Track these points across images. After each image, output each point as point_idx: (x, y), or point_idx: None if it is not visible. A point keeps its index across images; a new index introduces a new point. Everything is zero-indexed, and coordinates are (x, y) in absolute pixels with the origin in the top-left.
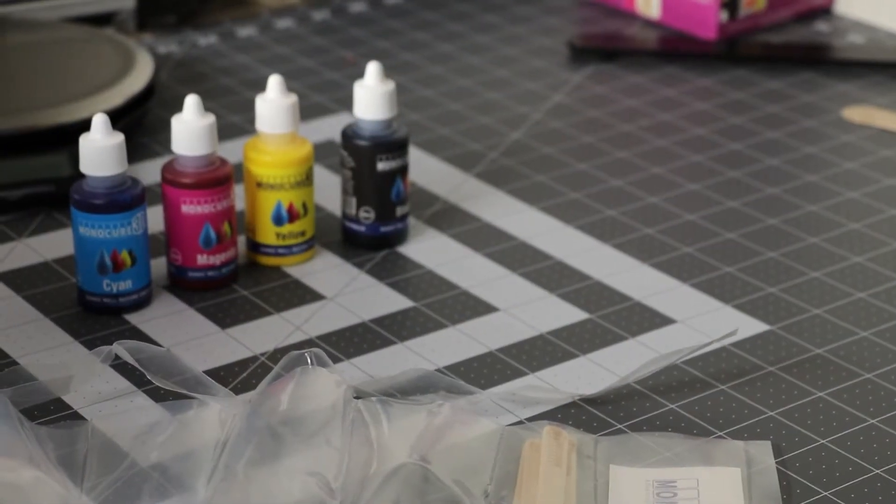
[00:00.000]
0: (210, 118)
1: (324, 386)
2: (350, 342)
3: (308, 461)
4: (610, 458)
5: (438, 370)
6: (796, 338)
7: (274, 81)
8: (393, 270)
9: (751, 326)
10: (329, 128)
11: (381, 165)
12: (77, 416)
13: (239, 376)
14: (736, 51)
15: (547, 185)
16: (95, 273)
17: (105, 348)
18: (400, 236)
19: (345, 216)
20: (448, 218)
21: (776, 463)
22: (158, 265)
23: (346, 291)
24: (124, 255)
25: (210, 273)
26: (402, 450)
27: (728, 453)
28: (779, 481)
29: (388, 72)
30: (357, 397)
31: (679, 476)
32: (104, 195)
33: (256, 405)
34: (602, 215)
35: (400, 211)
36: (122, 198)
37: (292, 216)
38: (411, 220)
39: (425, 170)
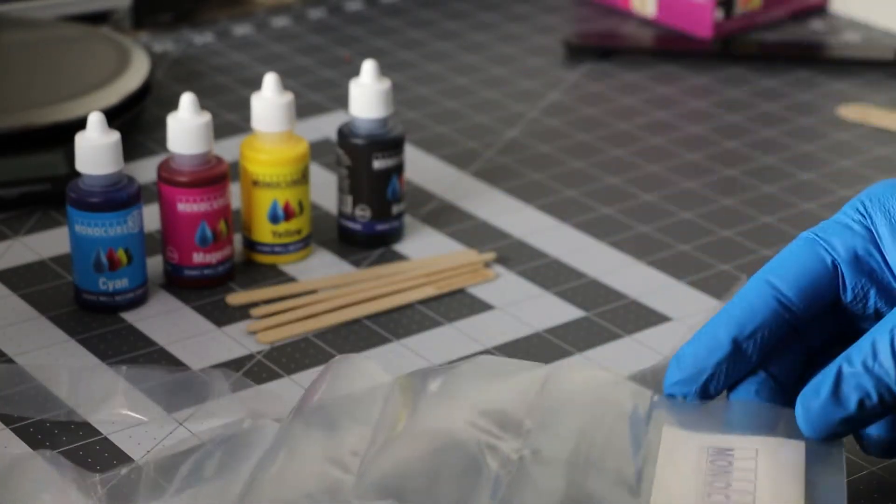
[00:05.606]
0: (206, 116)
1: (366, 371)
2: (346, 340)
3: (334, 444)
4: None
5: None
6: None
7: (270, 80)
8: None
9: None
10: (325, 126)
11: (377, 164)
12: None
13: (235, 374)
14: (731, 49)
15: (543, 183)
16: (91, 271)
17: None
18: (396, 234)
19: (341, 214)
20: (444, 216)
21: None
22: (155, 263)
23: None
24: (120, 254)
25: (206, 271)
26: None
27: (790, 424)
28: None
29: (385, 70)
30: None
31: (737, 444)
32: (100, 193)
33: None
34: (598, 213)
35: (396, 209)
36: (118, 196)
37: (288, 214)
38: (407, 219)
39: (421, 168)
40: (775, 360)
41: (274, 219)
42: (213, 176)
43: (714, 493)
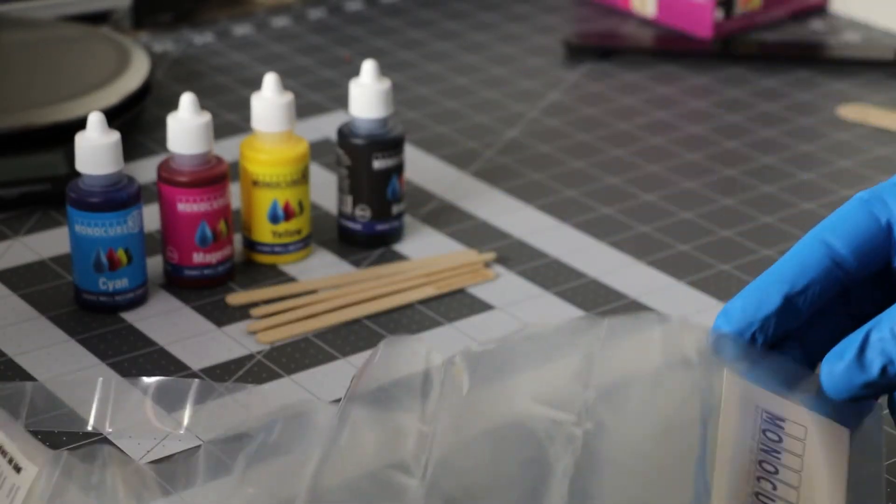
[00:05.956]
0: (206, 116)
1: (417, 352)
2: (346, 340)
3: (394, 443)
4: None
5: None
6: None
7: (270, 80)
8: None
9: None
10: (325, 126)
11: (377, 164)
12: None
13: (235, 374)
14: (731, 49)
15: (543, 183)
16: (91, 271)
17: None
18: (396, 234)
19: (341, 214)
20: (444, 216)
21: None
22: (155, 263)
23: None
24: (120, 254)
25: (206, 271)
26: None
27: (814, 387)
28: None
29: (385, 70)
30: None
31: (788, 415)
32: (100, 193)
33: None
34: (598, 213)
35: (396, 209)
36: (118, 196)
37: (288, 214)
38: (407, 219)
39: (421, 168)
40: (818, 325)
41: (274, 219)
42: (213, 176)
43: (763, 479)
